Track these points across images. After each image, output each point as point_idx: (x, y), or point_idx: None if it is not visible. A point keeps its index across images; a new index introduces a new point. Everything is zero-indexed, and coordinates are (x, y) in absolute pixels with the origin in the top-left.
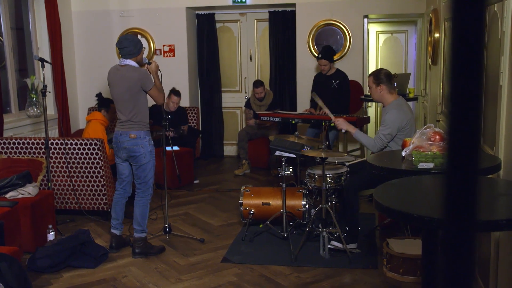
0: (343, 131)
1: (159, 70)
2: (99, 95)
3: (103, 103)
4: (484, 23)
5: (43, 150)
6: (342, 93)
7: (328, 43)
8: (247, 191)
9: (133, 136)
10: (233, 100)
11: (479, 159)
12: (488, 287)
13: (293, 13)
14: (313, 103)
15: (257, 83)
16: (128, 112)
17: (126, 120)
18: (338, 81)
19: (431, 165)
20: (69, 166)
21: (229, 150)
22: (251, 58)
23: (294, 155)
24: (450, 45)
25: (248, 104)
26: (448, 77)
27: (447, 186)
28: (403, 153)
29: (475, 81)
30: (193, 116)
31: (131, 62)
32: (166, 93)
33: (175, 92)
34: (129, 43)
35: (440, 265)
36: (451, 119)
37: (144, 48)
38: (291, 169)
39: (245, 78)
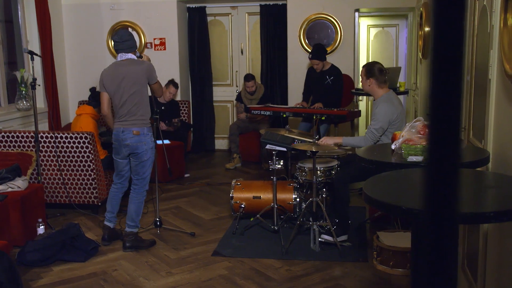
0: (332, 145)
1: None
2: (92, 90)
3: (97, 100)
4: (464, 16)
5: (32, 143)
6: (335, 89)
7: (319, 37)
8: (238, 184)
9: (136, 133)
10: (224, 93)
11: (460, 152)
12: (477, 279)
13: (284, 6)
14: (305, 96)
15: (248, 77)
16: (131, 106)
17: (128, 115)
18: (332, 77)
19: (420, 158)
20: (59, 159)
21: (220, 143)
22: (242, 52)
23: (285, 149)
24: (431, 40)
25: (239, 98)
26: (429, 71)
27: (428, 178)
28: (393, 146)
29: (455, 75)
30: (184, 110)
31: (132, 56)
32: (164, 83)
33: (174, 84)
34: (130, 37)
35: (422, 257)
36: (432, 112)
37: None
38: (282, 163)
39: (236, 71)
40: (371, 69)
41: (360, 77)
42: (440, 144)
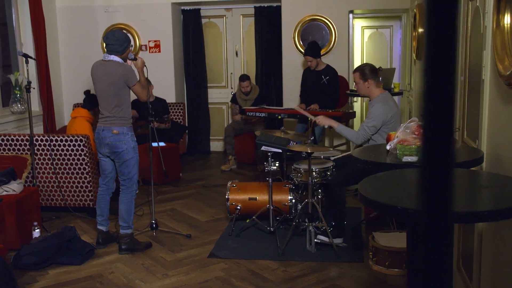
0: (326, 126)
1: (145, 66)
2: (87, 93)
3: (92, 103)
4: (457, 16)
5: (27, 146)
6: (331, 89)
7: (314, 39)
8: (234, 186)
9: (115, 132)
10: (219, 95)
11: (453, 152)
12: (472, 278)
13: (278, 8)
14: (303, 98)
15: (243, 77)
16: (111, 107)
17: (108, 116)
18: (328, 77)
19: (415, 159)
20: (54, 162)
21: (216, 145)
22: (237, 54)
23: (280, 150)
24: (424, 40)
25: (234, 99)
26: (423, 72)
27: (423, 178)
28: (388, 147)
29: (448, 75)
30: (179, 112)
31: (115, 58)
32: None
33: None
34: (115, 41)
35: (417, 257)
36: (426, 112)
37: (132, 45)
38: (277, 164)
39: (231, 73)
40: (364, 71)
41: (354, 82)
42: (434, 144)
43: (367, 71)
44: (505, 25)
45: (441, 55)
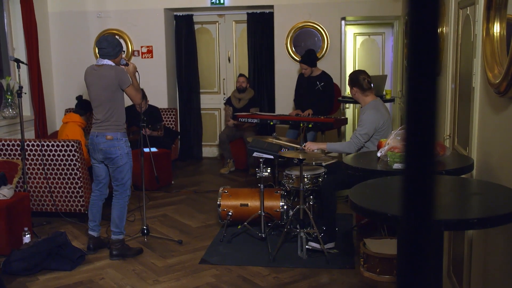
0: (316, 150)
1: (137, 71)
2: (79, 98)
3: (84, 108)
4: (437, 23)
5: (18, 151)
6: (326, 95)
7: (306, 45)
8: (225, 192)
9: (109, 138)
10: (211, 101)
11: (434, 159)
12: (462, 285)
13: (271, 15)
14: (297, 104)
15: (241, 74)
16: (105, 112)
17: (102, 121)
18: (322, 83)
19: None
20: (45, 167)
21: (208, 151)
22: (229, 60)
23: (272, 156)
24: (407, 48)
25: (228, 101)
26: (405, 79)
27: (404, 184)
28: (379, 154)
29: (430, 82)
30: (172, 118)
31: (108, 62)
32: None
33: None
34: (108, 45)
35: (398, 263)
36: (408, 119)
37: (124, 51)
38: (269, 170)
39: (224, 79)
40: (353, 78)
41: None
42: (415, 150)
43: (355, 78)
44: (495, 34)
45: (423, 62)
